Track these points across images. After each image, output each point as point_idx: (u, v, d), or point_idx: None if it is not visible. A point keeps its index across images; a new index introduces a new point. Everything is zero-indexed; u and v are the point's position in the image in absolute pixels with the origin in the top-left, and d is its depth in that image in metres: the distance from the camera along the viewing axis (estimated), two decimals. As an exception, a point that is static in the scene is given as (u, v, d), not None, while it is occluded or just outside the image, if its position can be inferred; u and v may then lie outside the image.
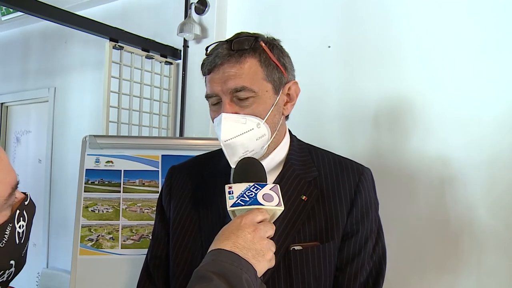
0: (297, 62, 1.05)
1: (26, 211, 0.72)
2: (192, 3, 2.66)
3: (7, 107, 4.10)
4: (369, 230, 0.98)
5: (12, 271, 0.71)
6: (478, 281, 1.84)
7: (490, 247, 1.82)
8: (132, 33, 2.56)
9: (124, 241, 1.97)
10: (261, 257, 0.77)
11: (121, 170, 2.07)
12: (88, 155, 2.06)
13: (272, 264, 0.80)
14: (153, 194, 2.06)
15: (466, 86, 1.91)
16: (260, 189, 0.82)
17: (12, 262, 0.70)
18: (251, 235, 0.77)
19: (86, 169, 2.04)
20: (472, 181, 1.87)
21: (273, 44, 0.97)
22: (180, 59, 2.78)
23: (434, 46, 1.99)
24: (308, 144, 1.08)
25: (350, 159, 1.04)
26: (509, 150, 1.81)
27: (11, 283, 0.74)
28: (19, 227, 0.70)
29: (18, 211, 0.70)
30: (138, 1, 3.06)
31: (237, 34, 0.97)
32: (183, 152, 2.11)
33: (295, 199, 0.96)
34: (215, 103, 0.95)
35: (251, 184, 0.83)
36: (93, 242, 1.95)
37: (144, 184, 2.07)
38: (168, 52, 2.76)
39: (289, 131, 1.07)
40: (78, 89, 3.44)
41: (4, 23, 3.81)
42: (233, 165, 0.92)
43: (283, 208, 0.82)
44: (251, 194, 0.81)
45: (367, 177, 1.00)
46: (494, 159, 1.84)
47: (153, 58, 2.67)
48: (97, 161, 2.07)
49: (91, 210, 1.99)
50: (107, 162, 2.07)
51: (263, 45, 0.94)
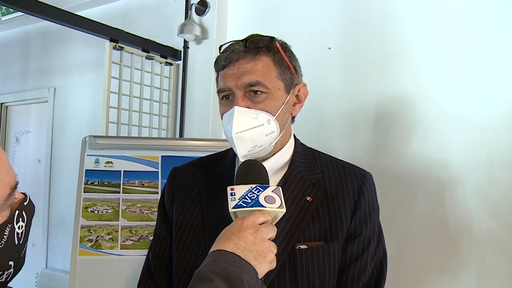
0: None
1: (25, 212, 0.72)
2: (192, 4, 2.65)
3: (6, 107, 4.10)
4: (372, 232, 1.00)
5: (11, 272, 0.70)
6: (477, 282, 1.84)
7: (490, 249, 1.83)
8: (132, 34, 2.56)
9: (124, 241, 1.97)
10: (262, 258, 0.77)
11: (120, 171, 2.07)
12: (87, 155, 2.06)
13: (273, 265, 0.80)
14: (152, 195, 2.05)
15: (466, 88, 1.91)
16: (262, 191, 0.83)
17: (11, 262, 0.69)
18: (253, 236, 0.78)
19: (86, 170, 2.04)
20: (472, 183, 1.87)
21: (285, 47, 1.01)
22: (180, 60, 2.77)
23: (434, 48, 1.99)
24: (311, 148, 1.10)
25: (352, 164, 1.07)
26: (508, 151, 1.81)
27: (10, 284, 0.74)
28: (18, 227, 0.69)
29: (17, 212, 0.70)
30: (139, 2, 3.06)
31: (251, 35, 1.00)
32: (182, 153, 2.11)
33: (300, 200, 0.97)
34: (226, 98, 0.97)
35: (253, 186, 0.84)
36: (93, 243, 1.95)
37: (143, 184, 2.07)
38: (168, 53, 2.75)
39: (294, 134, 1.08)
40: (78, 89, 3.44)
41: (4, 23, 3.81)
42: (242, 159, 0.94)
43: (284, 210, 0.83)
44: (253, 196, 0.82)
45: (369, 181, 1.03)
46: (493, 161, 1.84)
47: (153, 59, 2.67)
48: (97, 161, 2.07)
49: (91, 211, 1.99)
50: (106, 162, 2.07)
51: (278, 45, 0.98)
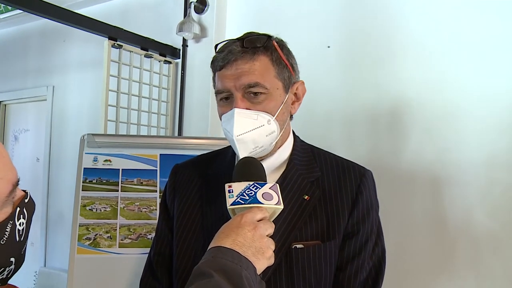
0: (297, 61, 1.05)
1: (26, 209, 0.72)
2: (191, 2, 2.65)
3: (5, 105, 4.09)
4: (370, 231, 0.99)
5: (12, 269, 0.71)
6: (475, 282, 1.84)
7: (488, 249, 1.83)
8: (131, 32, 2.56)
9: (122, 240, 1.97)
10: (261, 255, 0.78)
11: (119, 169, 2.07)
12: (86, 153, 2.06)
13: (271, 262, 0.81)
14: (151, 193, 2.05)
15: (465, 88, 1.91)
16: (260, 188, 0.83)
17: (12, 259, 0.70)
18: (251, 233, 0.78)
19: (84, 168, 2.04)
20: (470, 182, 1.87)
21: (282, 45, 1.00)
22: (179, 58, 2.77)
23: (433, 47, 1.99)
24: (311, 145, 1.10)
25: (351, 161, 1.05)
26: (507, 151, 1.81)
27: (10, 281, 0.74)
28: (19, 224, 0.70)
29: (18, 209, 0.70)
30: (138, 0, 3.05)
31: (248, 33, 0.98)
32: (181, 151, 2.11)
33: (297, 198, 0.97)
34: (225, 99, 0.96)
35: (251, 183, 0.84)
36: (91, 241, 1.95)
37: (142, 183, 2.07)
38: (167, 51, 2.75)
39: (293, 131, 1.08)
40: (76, 87, 3.43)
41: (2, 21, 3.80)
42: None
43: (282, 207, 0.83)
44: (251, 193, 0.82)
45: (368, 179, 1.02)
46: (492, 161, 1.84)
47: (152, 57, 2.66)
48: (95, 159, 2.07)
49: (89, 209, 1.99)
50: (105, 161, 2.07)
51: (275, 44, 0.97)
